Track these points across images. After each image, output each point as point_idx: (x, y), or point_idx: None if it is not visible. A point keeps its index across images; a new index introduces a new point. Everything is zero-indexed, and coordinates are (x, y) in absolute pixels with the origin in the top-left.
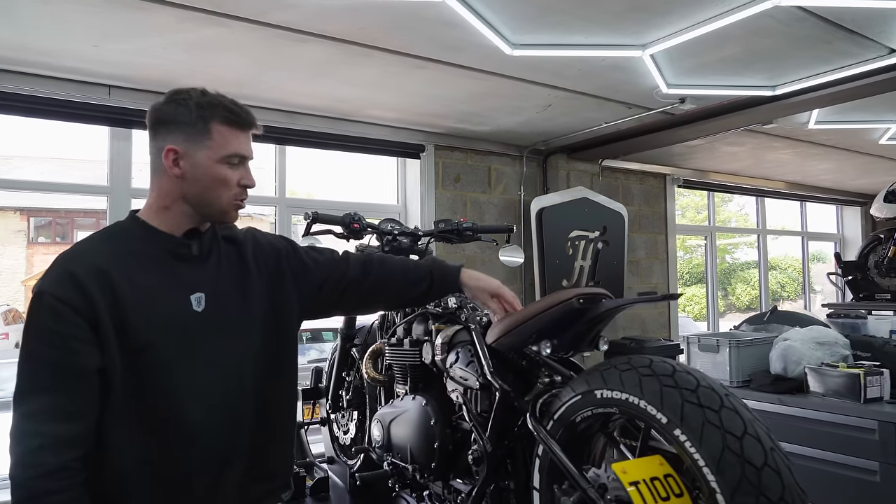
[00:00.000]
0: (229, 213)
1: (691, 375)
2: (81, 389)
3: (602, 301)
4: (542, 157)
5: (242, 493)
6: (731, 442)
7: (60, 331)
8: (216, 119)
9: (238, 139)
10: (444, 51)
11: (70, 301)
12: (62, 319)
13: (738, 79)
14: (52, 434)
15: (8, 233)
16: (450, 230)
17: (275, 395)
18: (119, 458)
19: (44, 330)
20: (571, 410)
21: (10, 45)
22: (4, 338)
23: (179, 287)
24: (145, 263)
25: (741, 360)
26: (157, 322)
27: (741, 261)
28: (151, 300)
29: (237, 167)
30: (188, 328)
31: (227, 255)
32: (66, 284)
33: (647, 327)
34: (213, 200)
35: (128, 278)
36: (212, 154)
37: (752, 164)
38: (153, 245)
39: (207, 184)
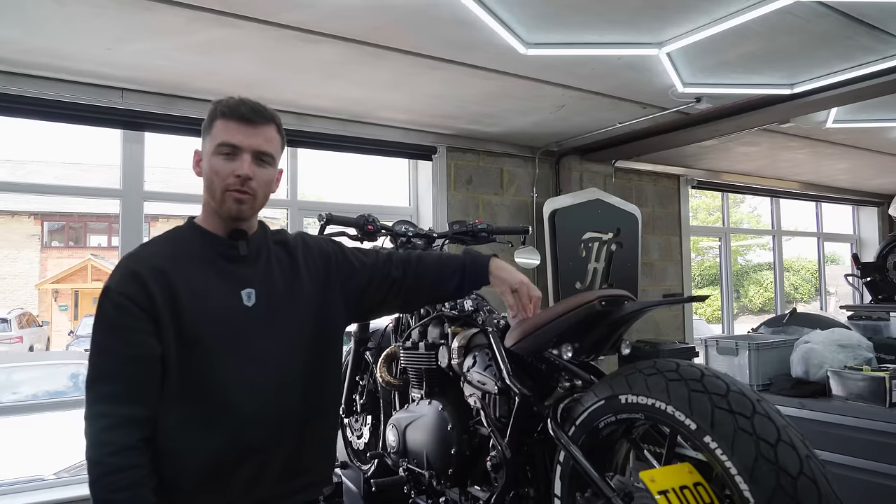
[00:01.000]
0: (226, 205)
1: (721, 380)
2: (145, 376)
3: (625, 303)
4: (554, 159)
5: (281, 484)
6: (764, 449)
7: (126, 324)
8: (217, 116)
9: (229, 130)
10: (458, 50)
11: (134, 297)
12: (127, 314)
13: (755, 77)
14: (121, 415)
15: (22, 237)
16: (464, 232)
17: (319, 392)
18: (169, 443)
19: (111, 323)
20: (594, 416)
21: (23, 47)
22: (18, 341)
23: (230, 284)
24: (198, 264)
25: (761, 364)
26: (210, 317)
27: (753, 263)
28: (204, 297)
29: (231, 158)
30: (239, 323)
31: (276, 256)
32: (130, 282)
33: (661, 330)
34: (213, 193)
35: (183, 278)
36: (209, 148)
37: (766, 165)
38: (204, 246)
39: (207, 175)
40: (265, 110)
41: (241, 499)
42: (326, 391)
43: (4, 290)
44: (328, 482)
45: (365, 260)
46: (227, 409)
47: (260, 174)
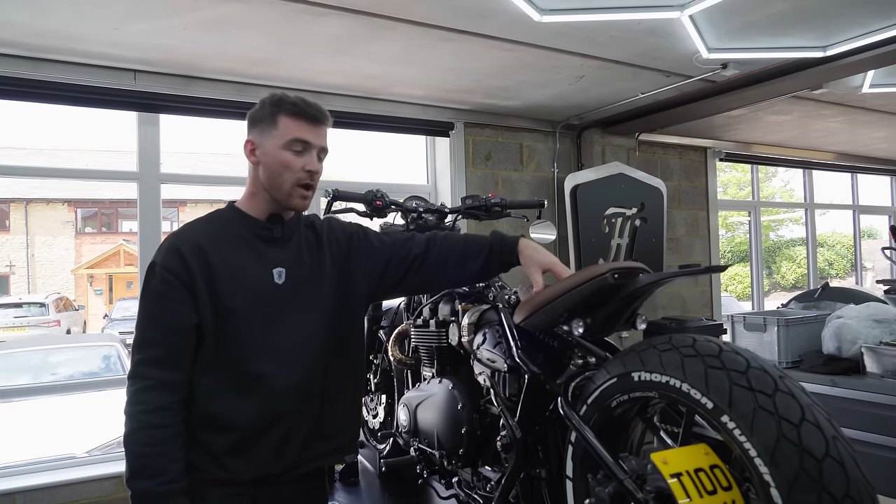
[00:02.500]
0: (293, 199)
1: (740, 356)
2: (184, 344)
3: (639, 276)
4: (575, 133)
5: (306, 449)
6: (787, 430)
7: (167, 294)
8: (282, 112)
9: (300, 128)
10: (470, 20)
11: (175, 271)
12: (169, 285)
13: (785, 40)
14: (159, 377)
15: (57, 224)
16: (477, 206)
17: (342, 365)
18: (203, 407)
19: (155, 294)
20: (606, 394)
21: (33, 30)
22: (56, 324)
23: (264, 263)
24: (236, 243)
25: (790, 340)
26: (243, 292)
27: (786, 238)
28: (239, 273)
29: (302, 154)
30: (270, 298)
31: (306, 239)
32: (172, 258)
33: (688, 307)
34: (280, 184)
35: (221, 255)
36: (277, 141)
37: (798, 135)
38: (242, 228)
39: (274, 168)
40: (324, 110)
41: (268, 463)
42: (349, 363)
43: (42, 276)
44: (352, 449)
45: (386, 240)
46: (256, 378)
47: (321, 169)
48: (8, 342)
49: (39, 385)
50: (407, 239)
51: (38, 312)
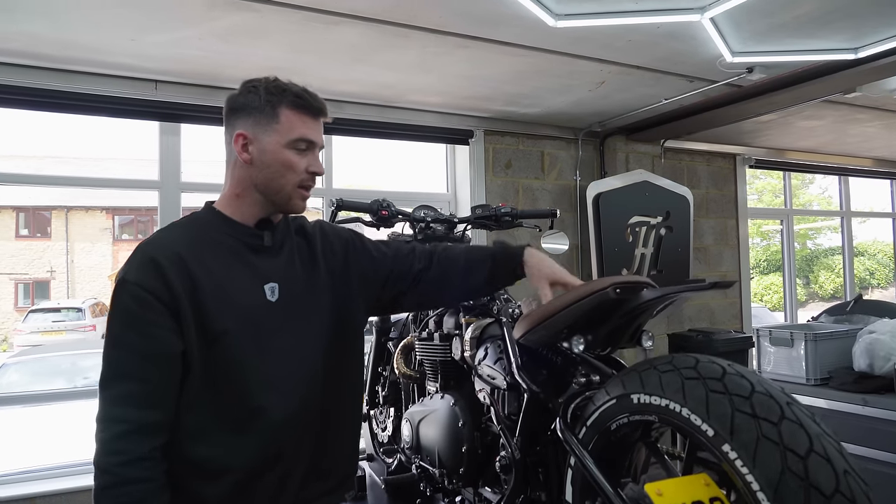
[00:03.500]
0: (294, 201)
1: (745, 379)
2: (165, 376)
3: (642, 291)
4: (598, 140)
5: (303, 489)
6: (792, 462)
7: (144, 317)
8: (284, 104)
9: (306, 124)
10: (483, 26)
11: (152, 289)
12: (146, 306)
13: (813, 42)
14: (137, 421)
15: (95, 231)
16: (487, 216)
17: (338, 389)
18: (190, 446)
19: (128, 317)
20: (606, 416)
21: (54, 41)
22: (92, 329)
23: (254, 277)
24: (221, 253)
25: (819, 356)
26: (233, 311)
27: (824, 247)
28: (227, 289)
29: (305, 153)
30: (262, 318)
31: (298, 247)
32: (148, 272)
33: (716, 318)
34: (281, 186)
35: (205, 267)
36: (279, 138)
37: (833, 140)
38: (228, 235)
39: (275, 169)
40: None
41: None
42: (348, 387)
43: (81, 281)
44: (350, 485)
45: (386, 251)
46: (253, 411)
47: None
48: (44, 346)
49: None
50: (409, 252)
51: (74, 317)
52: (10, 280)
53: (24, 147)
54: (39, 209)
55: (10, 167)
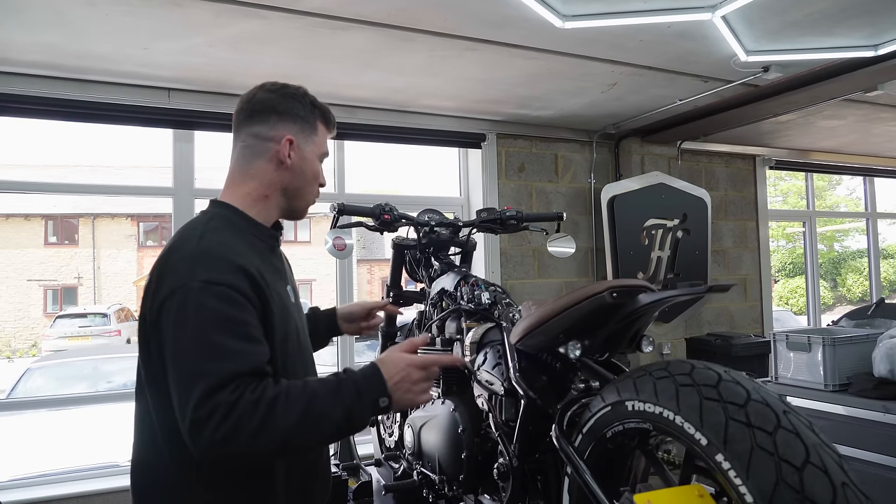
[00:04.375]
0: (306, 210)
1: (741, 386)
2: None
3: (639, 295)
4: (613, 142)
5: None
6: (787, 473)
7: (244, 319)
8: (319, 118)
9: (327, 139)
10: (490, 29)
11: (246, 292)
12: (242, 309)
13: (830, 39)
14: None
15: (121, 237)
16: (492, 220)
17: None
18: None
19: (227, 320)
20: (601, 423)
21: (70, 52)
22: (117, 334)
23: (281, 279)
24: (261, 257)
25: (838, 361)
26: (284, 313)
27: (852, 249)
28: (275, 293)
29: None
30: (295, 319)
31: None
32: (238, 274)
33: (736, 322)
34: (308, 193)
35: (260, 271)
36: (315, 150)
37: (856, 140)
38: (258, 238)
39: (309, 177)
40: None
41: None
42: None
43: (107, 287)
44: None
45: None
46: None
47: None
48: (68, 351)
49: (87, 395)
50: None
51: (100, 322)
52: (40, 286)
53: (50, 157)
54: (67, 217)
55: (39, 176)
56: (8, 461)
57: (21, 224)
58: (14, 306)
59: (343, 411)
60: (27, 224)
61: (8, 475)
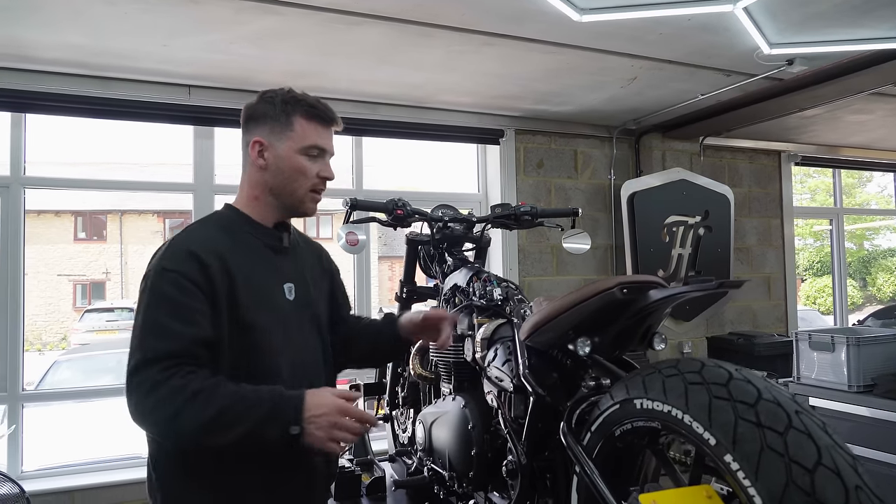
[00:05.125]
0: (306, 204)
1: (752, 385)
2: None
3: (650, 291)
4: (633, 138)
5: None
6: (798, 476)
7: (187, 303)
8: (298, 113)
9: (317, 132)
10: (507, 23)
11: (193, 278)
12: (188, 293)
13: (857, 31)
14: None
15: (148, 233)
16: (507, 215)
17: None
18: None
19: (170, 303)
20: (610, 422)
21: (90, 50)
22: None
23: (276, 276)
24: (249, 252)
25: (863, 361)
26: (262, 306)
27: (883, 248)
28: (256, 285)
29: (316, 160)
30: (283, 315)
31: (303, 250)
32: (190, 262)
33: (759, 321)
34: (294, 190)
35: (237, 264)
36: (293, 145)
37: (886, 135)
38: (252, 235)
39: (289, 174)
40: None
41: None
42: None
43: (134, 283)
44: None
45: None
46: None
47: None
48: (92, 344)
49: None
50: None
51: (127, 317)
52: (69, 281)
53: (79, 154)
54: (96, 213)
55: (69, 173)
56: (35, 451)
57: (52, 220)
58: (45, 300)
59: (252, 424)
60: (57, 220)
61: (35, 465)
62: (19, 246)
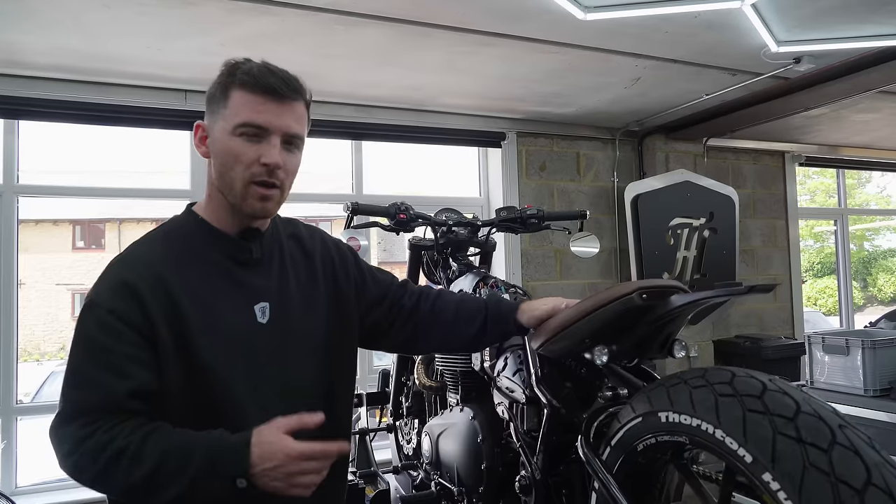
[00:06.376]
0: (247, 201)
1: (789, 397)
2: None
3: (671, 296)
4: (636, 140)
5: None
6: (846, 497)
7: (116, 349)
8: (235, 85)
9: (255, 107)
10: (509, 22)
11: (125, 316)
12: (117, 337)
13: (866, 27)
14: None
15: None
16: (513, 219)
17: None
18: None
19: (96, 347)
20: (631, 436)
21: (85, 54)
22: None
23: (242, 297)
24: (205, 268)
25: (878, 365)
26: (221, 338)
27: (883, 248)
28: (214, 313)
29: (257, 141)
30: (253, 344)
31: (291, 256)
32: (121, 295)
33: (765, 323)
34: (231, 181)
35: (188, 287)
36: (225, 124)
37: (890, 134)
38: (210, 247)
39: (222, 160)
40: (295, 81)
41: None
42: (337, 414)
43: None
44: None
45: (380, 276)
46: None
47: (289, 161)
48: None
49: None
50: (401, 285)
51: None
52: (68, 290)
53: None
54: (94, 222)
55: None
56: (30, 466)
57: (50, 229)
58: (43, 310)
59: (189, 483)
60: (56, 229)
61: (30, 480)
62: (12, 255)
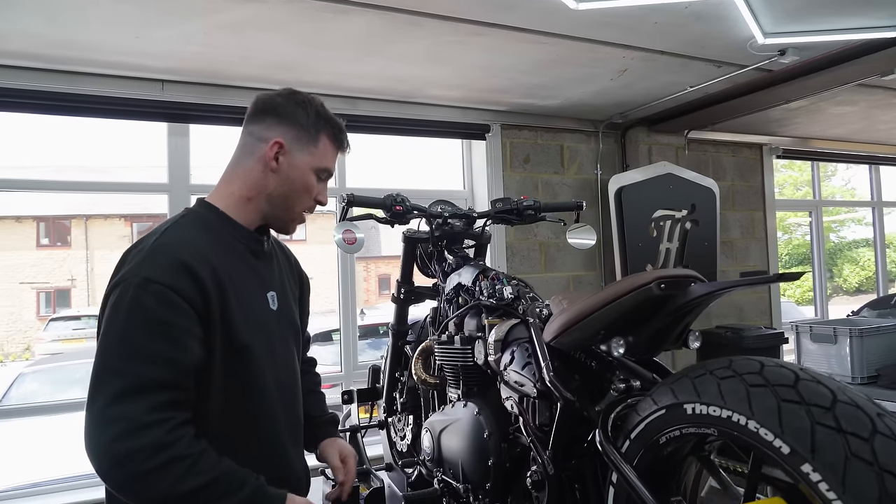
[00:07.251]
0: (295, 223)
1: (823, 386)
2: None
3: (691, 286)
4: (619, 132)
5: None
6: (892, 486)
7: (177, 324)
8: (326, 132)
9: (333, 157)
10: (498, 11)
11: (186, 294)
12: (177, 311)
13: (851, 20)
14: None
15: (115, 238)
16: (508, 210)
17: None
18: None
19: (158, 321)
20: (653, 428)
21: (54, 41)
22: None
23: (260, 284)
24: (234, 256)
25: (866, 353)
26: (252, 320)
27: (848, 240)
28: (245, 297)
29: (321, 183)
30: (270, 327)
31: (278, 252)
32: (182, 275)
33: (744, 314)
34: (293, 204)
35: (226, 271)
36: (311, 161)
37: (864, 128)
38: (235, 239)
39: (296, 187)
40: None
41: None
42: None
43: (100, 289)
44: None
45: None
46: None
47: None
48: (64, 354)
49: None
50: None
51: (94, 324)
52: (32, 289)
53: (40, 157)
54: (59, 218)
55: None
56: (0, 471)
57: (13, 226)
58: (6, 309)
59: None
60: (19, 226)
61: (0, 485)
62: None
